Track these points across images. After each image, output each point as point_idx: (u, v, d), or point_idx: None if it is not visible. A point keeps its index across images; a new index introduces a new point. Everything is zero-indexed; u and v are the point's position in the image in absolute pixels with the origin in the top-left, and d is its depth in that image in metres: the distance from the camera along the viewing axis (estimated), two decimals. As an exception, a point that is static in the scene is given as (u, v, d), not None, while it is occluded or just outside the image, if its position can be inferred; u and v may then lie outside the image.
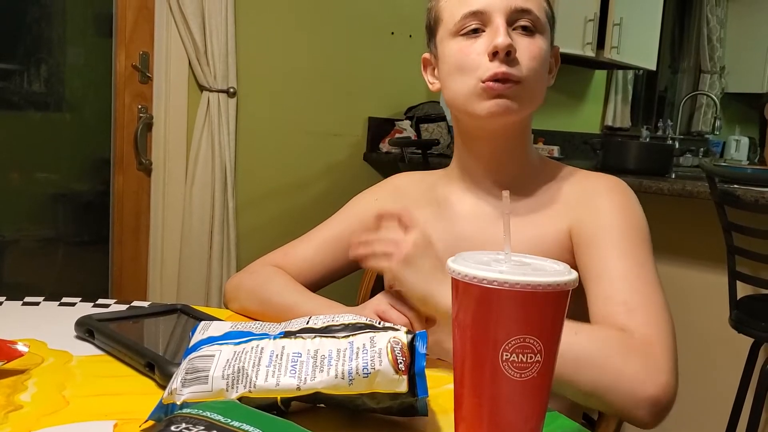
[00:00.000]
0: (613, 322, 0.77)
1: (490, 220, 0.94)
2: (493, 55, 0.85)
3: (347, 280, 1.07)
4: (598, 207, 0.89)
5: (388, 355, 0.59)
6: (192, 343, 0.63)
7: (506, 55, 0.85)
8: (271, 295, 0.95)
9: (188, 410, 0.48)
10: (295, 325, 0.64)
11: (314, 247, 1.04)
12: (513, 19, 0.87)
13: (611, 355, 0.71)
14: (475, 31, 0.88)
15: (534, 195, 0.94)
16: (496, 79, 0.85)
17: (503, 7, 0.86)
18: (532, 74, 0.87)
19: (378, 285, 1.15)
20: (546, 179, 0.95)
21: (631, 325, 0.75)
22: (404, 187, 1.06)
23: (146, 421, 0.58)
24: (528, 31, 0.88)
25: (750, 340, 1.98)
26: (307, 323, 0.64)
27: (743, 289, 1.91)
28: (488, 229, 0.93)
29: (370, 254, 0.83)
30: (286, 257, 1.03)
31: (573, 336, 0.54)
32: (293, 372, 0.58)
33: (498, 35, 0.85)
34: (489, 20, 0.87)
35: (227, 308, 1.01)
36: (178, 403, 0.57)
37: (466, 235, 0.94)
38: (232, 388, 0.58)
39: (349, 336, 0.61)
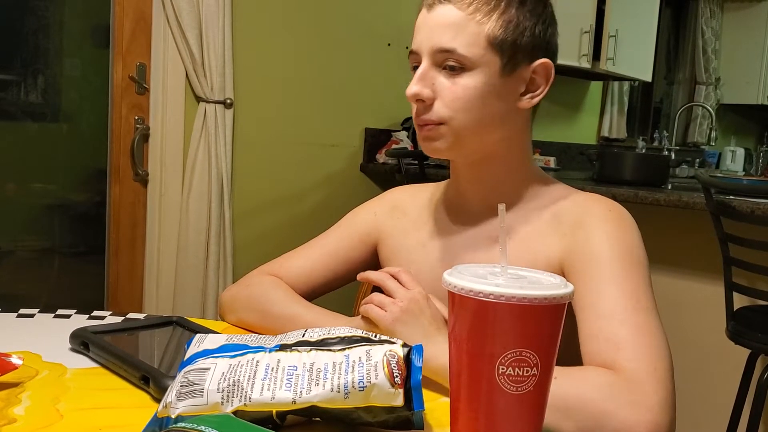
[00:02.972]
0: (600, 360, 0.74)
1: (486, 245, 0.92)
2: None
3: (344, 289, 1.07)
4: (588, 236, 0.85)
5: (384, 368, 0.58)
6: (187, 355, 0.62)
7: (420, 101, 0.86)
8: (270, 306, 0.94)
9: (183, 424, 0.48)
10: (291, 338, 0.64)
11: (311, 259, 1.03)
12: (439, 59, 0.86)
13: (594, 397, 0.68)
14: (416, 68, 0.88)
15: (528, 222, 0.91)
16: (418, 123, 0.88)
17: (428, 49, 0.86)
18: (457, 114, 0.85)
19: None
20: (543, 204, 0.92)
21: (618, 363, 0.72)
22: (403, 205, 1.04)
23: (141, 435, 0.58)
24: (454, 71, 0.85)
25: (747, 351, 1.98)
26: (303, 336, 0.64)
27: (740, 300, 1.91)
28: (484, 255, 0.91)
29: (368, 302, 0.83)
30: (282, 268, 1.03)
31: (553, 381, 0.52)
32: (289, 385, 0.58)
33: (411, 82, 0.86)
34: (420, 61, 0.87)
35: (223, 320, 1.00)
36: (173, 416, 0.57)
37: (462, 261, 0.92)
38: (228, 401, 0.57)
39: (345, 349, 0.61)
